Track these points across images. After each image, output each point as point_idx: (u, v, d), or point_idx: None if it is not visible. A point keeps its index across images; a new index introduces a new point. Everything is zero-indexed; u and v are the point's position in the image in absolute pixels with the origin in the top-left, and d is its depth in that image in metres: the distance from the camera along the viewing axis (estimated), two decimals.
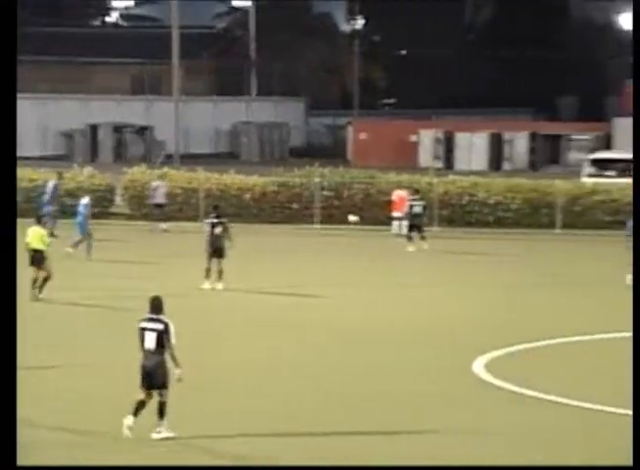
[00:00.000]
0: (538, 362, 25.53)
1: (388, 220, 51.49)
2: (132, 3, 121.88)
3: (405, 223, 47.95)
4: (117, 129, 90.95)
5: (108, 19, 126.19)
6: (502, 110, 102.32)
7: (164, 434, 16.72)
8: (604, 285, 38.69)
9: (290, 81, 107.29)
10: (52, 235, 38.16)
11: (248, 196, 54.61)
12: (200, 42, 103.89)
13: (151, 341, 16.50)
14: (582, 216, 53.18)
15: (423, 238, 46.05)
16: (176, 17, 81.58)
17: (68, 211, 46.27)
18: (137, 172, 55.68)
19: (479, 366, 24.19)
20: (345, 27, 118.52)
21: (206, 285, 34.51)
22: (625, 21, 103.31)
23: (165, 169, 60.61)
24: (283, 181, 56.23)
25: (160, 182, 51.64)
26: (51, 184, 50.03)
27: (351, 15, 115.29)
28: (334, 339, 26.94)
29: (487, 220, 53.02)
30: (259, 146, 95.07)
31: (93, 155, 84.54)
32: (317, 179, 56.06)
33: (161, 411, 16.52)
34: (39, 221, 35.50)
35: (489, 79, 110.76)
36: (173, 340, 16.59)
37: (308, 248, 46.14)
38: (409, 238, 46.52)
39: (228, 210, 48.08)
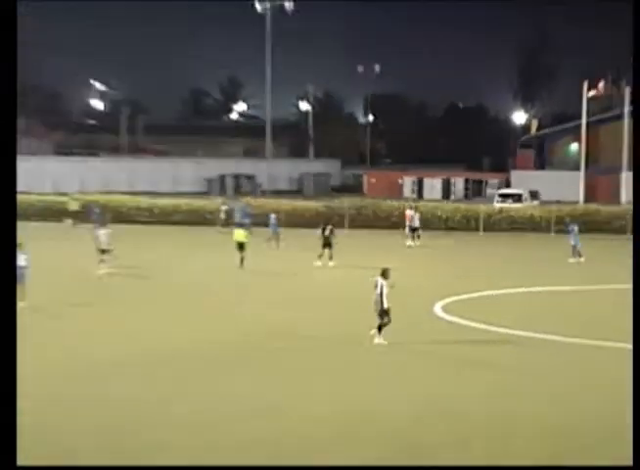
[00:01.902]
0: (477, 305, 36.12)
1: (390, 226, 67.31)
2: (245, 107, 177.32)
3: (407, 229, 61.69)
4: (236, 176, 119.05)
5: (232, 116, 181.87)
6: (449, 165, 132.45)
7: (378, 340, 27.28)
8: (515, 260, 54.40)
9: (331, 150, 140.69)
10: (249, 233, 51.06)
11: (307, 214, 70.52)
12: (282, 128, 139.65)
13: (377, 289, 27.23)
14: (494, 225, 70.37)
15: (417, 237, 60.52)
16: (269, 117, 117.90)
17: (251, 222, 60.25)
18: (251, 200, 75.95)
19: (437, 308, 34.97)
20: (362, 120, 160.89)
21: (319, 263, 47.77)
22: (517, 117, 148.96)
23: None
24: (327, 205, 73.68)
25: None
26: (238, 206, 68.01)
27: (365, 113, 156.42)
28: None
29: (441, 227, 69.40)
30: (314, 186, 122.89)
31: (222, 191, 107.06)
32: (346, 204, 73.59)
33: (380, 328, 27.11)
34: (241, 226, 52.52)
35: (442, 148, 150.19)
36: (385, 289, 27.18)
37: (342, 242, 52.65)
38: (410, 237, 60.81)
39: (298, 221, 67.50)
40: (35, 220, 69.76)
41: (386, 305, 27.80)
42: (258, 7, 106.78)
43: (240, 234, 50.46)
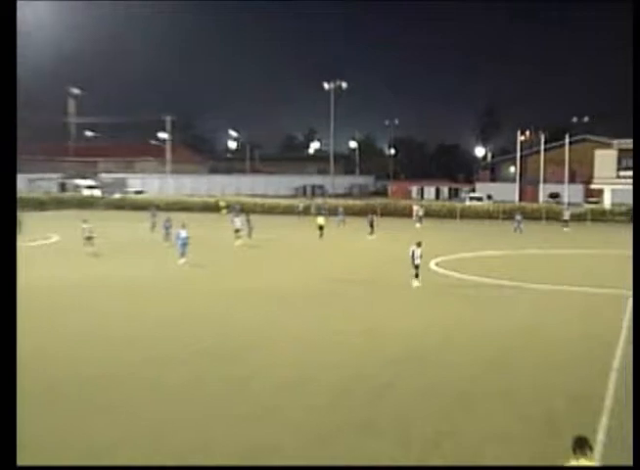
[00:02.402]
0: (459, 262, 40.95)
1: (405, 216, 79.00)
2: (318, 144, 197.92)
3: (415, 217, 73.15)
4: (313, 187, 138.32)
5: (310, 150, 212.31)
6: (439, 179, 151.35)
7: (416, 284, 32.55)
8: (479, 235, 62.41)
9: (369, 169, 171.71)
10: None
11: (356, 208, 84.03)
12: (340, 157, 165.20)
13: (412, 253, 32.57)
14: (466, 215, 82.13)
15: (421, 222, 70.82)
16: (332, 150, 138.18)
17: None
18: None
19: (432, 264, 40.17)
20: (387, 152, 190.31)
21: (369, 237, 55.92)
22: (479, 151, 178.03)
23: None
24: (367, 203, 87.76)
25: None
26: (315, 204, 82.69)
27: (389, 147, 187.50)
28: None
29: (434, 216, 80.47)
30: (360, 191, 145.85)
31: (304, 195, 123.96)
32: (378, 202, 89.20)
33: (416, 276, 32.76)
34: (321, 215, 62.99)
35: (435, 169, 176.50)
36: (417, 253, 32.95)
37: (379, 224, 60.48)
38: (417, 222, 70.81)
39: (351, 212, 79.05)
40: (198, 212, 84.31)
41: (417, 262, 33.97)
42: (326, 86, 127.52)
43: (320, 219, 60.39)
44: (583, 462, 9.91)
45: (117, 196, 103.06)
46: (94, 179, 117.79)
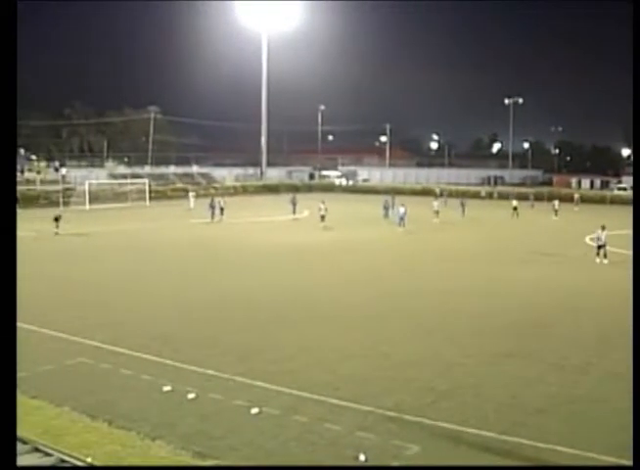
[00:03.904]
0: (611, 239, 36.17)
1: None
2: (500, 145, 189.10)
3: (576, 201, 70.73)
4: (495, 178, 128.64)
5: (493, 150, 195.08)
6: (593, 173, 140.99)
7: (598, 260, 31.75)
8: (627, 217, 46.64)
9: (538, 164, 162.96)
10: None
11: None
12: (516, 155, 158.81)
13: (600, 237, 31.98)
14: (615, 201, 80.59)
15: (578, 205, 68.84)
16: (510, 149, 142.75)
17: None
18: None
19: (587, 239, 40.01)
20: (553, 151, 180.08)
21: (554, 218, 54.79)
22: (624, 151, 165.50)
23: None
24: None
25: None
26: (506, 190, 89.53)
27: (554, 147, 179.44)
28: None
29: (590, 201, 78.32)
30: (531, 182, 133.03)
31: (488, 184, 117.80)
32: (546, 190, 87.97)
33: (598, 253, 31.92)
34: (515, 198, 62.20)
35: (589, 163, 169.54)
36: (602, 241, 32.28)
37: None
38: (576, 206, 68.54)
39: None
40: (408, 196, 77.89)
41: (601, 243, 33.12)
42: (506, 101, 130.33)
43: (514, 202, 60.84)
44: None
45: (351, 183, 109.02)
46: (336, 170, 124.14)
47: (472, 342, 18.53)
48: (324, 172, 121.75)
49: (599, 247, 33.19)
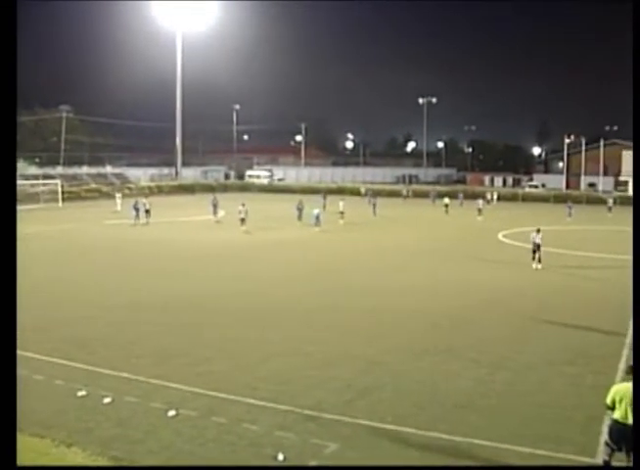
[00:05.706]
0: (523, 236, 42.51)
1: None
2: (414, 144, 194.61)
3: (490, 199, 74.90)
4: (410, 176, 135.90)
5: (407, 149, 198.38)
6: (505, 171, 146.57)
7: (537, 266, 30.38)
8: (538, 214, 62.32)
9: (452, 163, 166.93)
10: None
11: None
12: (431, 154, 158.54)
13: (535, 239, 31.10)
14: (526, 198, 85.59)
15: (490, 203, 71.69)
16: (425, 148, 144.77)
17: None
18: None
19: (500, 236, 43.40)
20: (466, 150, 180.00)
21: (478, 218, 55.92)
22: (535, 150, 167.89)
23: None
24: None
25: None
26: (433, 190, 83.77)
27: (467, 146, 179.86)
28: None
29: (503, 199, 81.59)
30: (445, 180, 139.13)
31: (403, 182, 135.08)
32: (461, 188, 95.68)
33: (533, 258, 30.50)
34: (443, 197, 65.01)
35: (501, 162, 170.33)
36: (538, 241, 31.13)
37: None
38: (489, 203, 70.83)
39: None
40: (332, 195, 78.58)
41: (537, 242, 32.32)
42: (420, 101, 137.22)
43: (446, 200, 64.06)
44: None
45: (266, 182, 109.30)
46: (251, 170, 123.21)
47: (392, 340, 18.66)
48: (250, 172, 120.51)
49: (534, 251, 32.23)
